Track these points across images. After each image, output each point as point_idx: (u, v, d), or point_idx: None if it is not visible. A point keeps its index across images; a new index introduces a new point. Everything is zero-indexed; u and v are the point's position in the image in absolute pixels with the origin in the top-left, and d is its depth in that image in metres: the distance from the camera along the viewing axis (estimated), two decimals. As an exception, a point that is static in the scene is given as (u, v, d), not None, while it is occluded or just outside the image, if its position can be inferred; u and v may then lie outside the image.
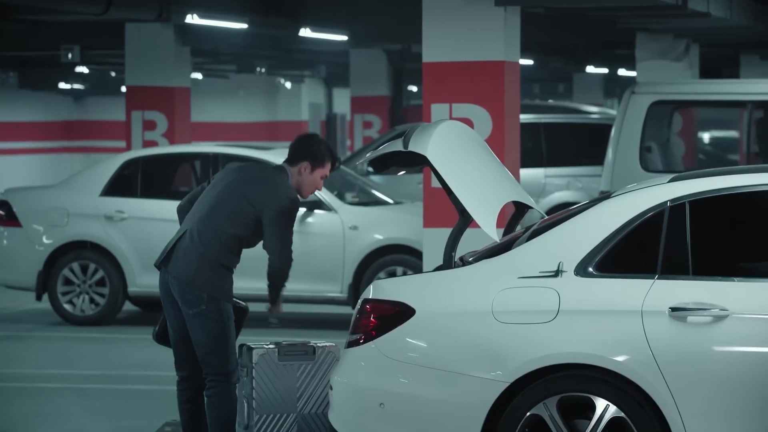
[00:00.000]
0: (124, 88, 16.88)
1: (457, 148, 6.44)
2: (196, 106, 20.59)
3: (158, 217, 12.47)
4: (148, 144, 15.48)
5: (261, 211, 6.75)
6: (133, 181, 12.71)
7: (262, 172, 6.97)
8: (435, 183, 9.03)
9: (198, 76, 30.03)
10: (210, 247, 6.77)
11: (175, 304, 6.84)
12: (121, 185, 12.70)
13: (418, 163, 6.49)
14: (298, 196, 6.90)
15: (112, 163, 12.85)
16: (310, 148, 6.94)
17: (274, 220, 6.74)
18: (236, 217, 6.79)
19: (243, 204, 6.79)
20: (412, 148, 6.31)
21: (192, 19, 14.68)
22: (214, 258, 6.77)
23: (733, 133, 27.47)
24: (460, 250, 6.30)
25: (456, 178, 6.22)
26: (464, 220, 6.22)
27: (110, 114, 31.64)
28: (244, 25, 15.66)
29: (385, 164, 6.72)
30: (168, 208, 12.55)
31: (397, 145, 6.41)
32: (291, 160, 6.95)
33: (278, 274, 6.83)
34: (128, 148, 15.48)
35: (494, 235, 6.15)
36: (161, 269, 6.93)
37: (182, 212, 7.11)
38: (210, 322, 6.75)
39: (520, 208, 6.73)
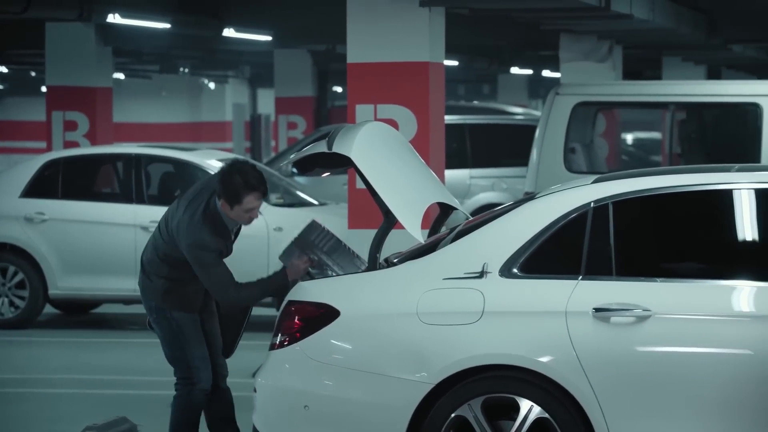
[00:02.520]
0: (44, 88, 16.69)
1: (381, 150, 6.42)
2: (119, 107, 20.42)
3: (80, 219, 12.34)
4: (69, 145, 15.31)
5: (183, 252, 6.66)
6: (53, 182, 12.56)
7: (183, 204, 6.68)
8: (360, 184, 9.01)
9: (120, 76, 29.79)
10: (152, 259, 6.80)
11: None
12: (41, 186, 12.54)
13: (342, 164, 6.47)
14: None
15: (33, 164, 12.69)
16: (223, 184, 6.58)
17: (191, 261, 6.63)
18: (168, 240, 6.74)
19: (167, 231, 6.73)
20: (336, 149, 6.28)
21: (114, 18, 14.53)
22: (155, 269, 6.78)
23: (655, 135, 27.74)
24: (385, 252, 6.27)
25: (380, 180, 6.20)
26: (389, 222, 6.20)
27: (30, 114, 31.31)
28: (167, 25, 15.54)
29: (309, 166, 6.67)
30: (90, 209, 12.44)
31: (321, 147, 6.38)
32: (217, 191, 6.66)
33: (232, 306, 6.72)
34: (49, 148, 15.30)
35: (419, 236, 6.14)
36: None
37: None
38: (162, 331, 6.82)
39: (444, 210, 6.72)
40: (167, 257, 6.75)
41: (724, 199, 5.87)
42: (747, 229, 5.87)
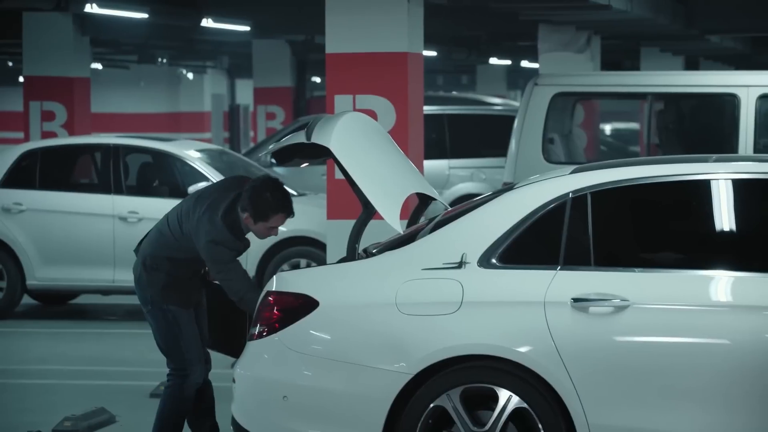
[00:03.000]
0: (21, 79, 16.62)
1: (360, 140, 6.41)
2: (96, 97, 20.34)
3: (58, 210, 12.30)
4: (46, 135, 15.26)
5: (199, 249, 6.64)
6: (31, 172, 12.51)
7: (202, 205, 6.66)
8: (339, 174, 9.00)
9: (98, 66, 29.69)
10: (156, 255, 6.76)
11: None
12: (19, 177, 12.50)
13: (321, 155, 6.46)
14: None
15: (10, 155, 12.65)
16: (252, 201, 6.56)
17: (209, 258, 6.60)
18: (179, 239, 6.71)
19: (181, 231, 6.71)
20: (315, 139, 6.27)
21: (91, 8, 14.49)
22: (156, 265, 6.75)
23: (634, 125, 27.80)
24: (364, 242, 6.27)
25: (359, 170, 6.20)
26: (368, 212, 6.20)
27: (7, 104, 31.18)
28: (145, 15, 15.49)
29: (288, 156, 6.66)
30: (68, 200, 12.40)
31: (300, 137, 6.37)
32: (242, 203, 6.61)
33: (239, 303, 6.65)
34: (26, 139, 15.24)
35: (398, 226, 6.14)
36: None
37: None
38: (156, 322, 6.79)
39: (423, 200, 6.73)
40: (173, 258, 6.73)
41: (702, 190, 5.89)
42: (725, 219, 5.88)
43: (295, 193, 12.82)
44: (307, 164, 6.88)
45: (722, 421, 5.60)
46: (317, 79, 35.13)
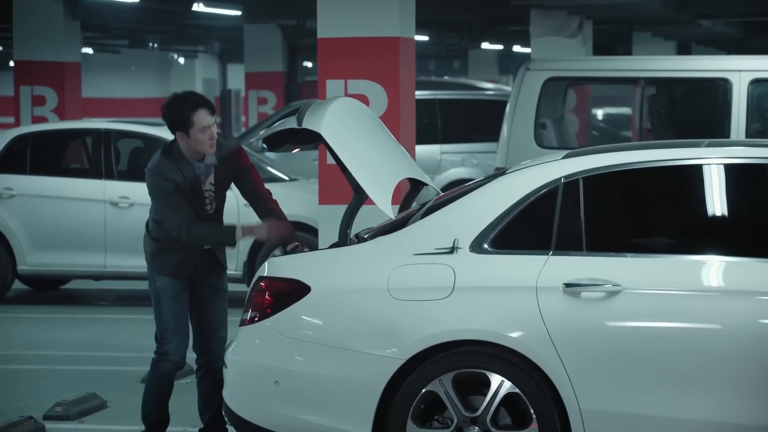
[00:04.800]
0: (12, 63, 16.57)
1: (351, 126, 6.40)
2: (87, 82, 20.30)
3: (49, 195, 12.28)
4: (37, 120, 15.22)
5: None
6: (22, 157, 12.48)
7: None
8: (330, 160, 8.98)
9: (89, 51, 29.62)
10: (149, 220, 6.86)
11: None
12: (9, 162, 12.47)
13: (312, 140, 6.44)
14: (205, 153, 6.74)
15: (1, 140, 12.61)
16: (171, 116, 6.65)
17: (150, 192, 6.73)
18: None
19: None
20: (306, 125, 6.25)
21: (82, -8, 14.44)
22: (149, 230, 6.84)
23: (626, 110, 27.78)
24: (356, 228, 6.26)
25: (350, 156, 6.18)
26: (359, 198, 6.19)
27: (-2, 89, 31.06)
28: (136, 0, 15.44)
29: (279, 142, 6.64)
30: (59, 185, 12.37)
31: (291, 123, 6.35)
32: (170, 128, 6.75)
33: (188, 241, 6.71)
34: (17, 124, 15.20)
35: (389, 212, 6.13)
36: None
37: None
38: (152, 293, 6.84)
39: (415, 185, 6.71)
40: (155, 219, 6.81)
41: (693, 175, 5.89)
42: (716, 204, 5.88)
43: (286, 178, 12.80)
44: (298, 150, 6.86)
45: (714, 404, 5.61)
46: (309, 64, 35.09)
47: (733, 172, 5.85)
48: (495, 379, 5.73)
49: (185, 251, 6.78)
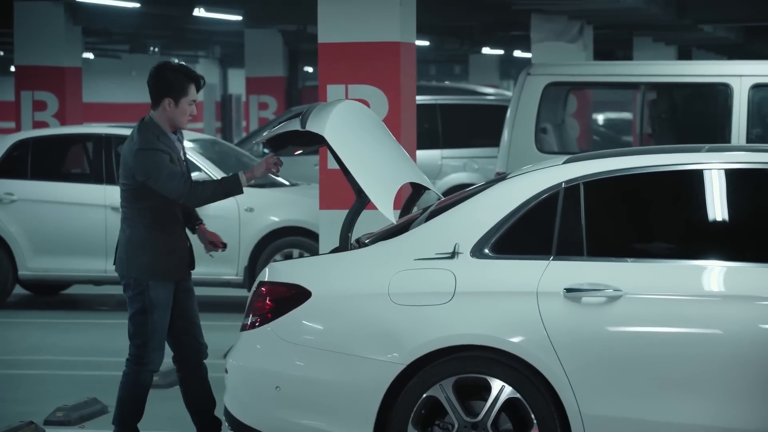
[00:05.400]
0: (13, 68, 16.58)
1: (354, 128, 6.40)
2: (88, 87, 20.30)
3: (50, 200, 12.28)
4: (38, 125, 15.23)
5: (134, 172, 6.69)
6: (23, 162, 12.49)
7: (130, 139, 6.80)
8: (331, 164, 8.98)
9: (90, 56, 29.64)
10: (132, 230, 6.75)
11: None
12: (10, 167, 12.48)
13: (315, 143, 6.44)
14: (180, 128, 6.80)
15: (1, 145, 12.62)
16: (166, 81, 6.69)
17: (143, 171, 6.64)
18: (130, 190, 6.75)
19: (127, 176, 6.76)
20: (309, 127, 6.25)
21: (83, -3, 14.45)
22: (137, 240, 6.73)
23: (626, 115, 27.79)
24: (357, 232, 6.26)
25: (353, 159, 6.18)
26: (361, 201, 6.18)
27: (-1, 94, 31.07)
28: (137, 4, 15.46)
29: (282, 144, 6.63)
30: (59, 190, 12.38)
31: (294, 125, 6.35)
32: (153, 100, 6.75)
33: (195, 203, 6.70)
34: (18, 129, 15.21)
35: (391, 216, 6.13)
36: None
37: None
38: (135, 307, 6.73)
39: (416, 190, 6.71)
40: (141, 212, 6.75)
41: (694, 180, 5.89)
42: (717, 209, 5.88)
43: (287, 183, 12.81)
44: (300, 152, 6.86)
45: (714, 410, 5.60)
46: (309, 69, 35.11)
47: (733, 177, 5.85)
48: (496, 384, 5.73)
49: (177, 252, 6.75)
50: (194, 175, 11.61)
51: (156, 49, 26.83)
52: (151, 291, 6.70)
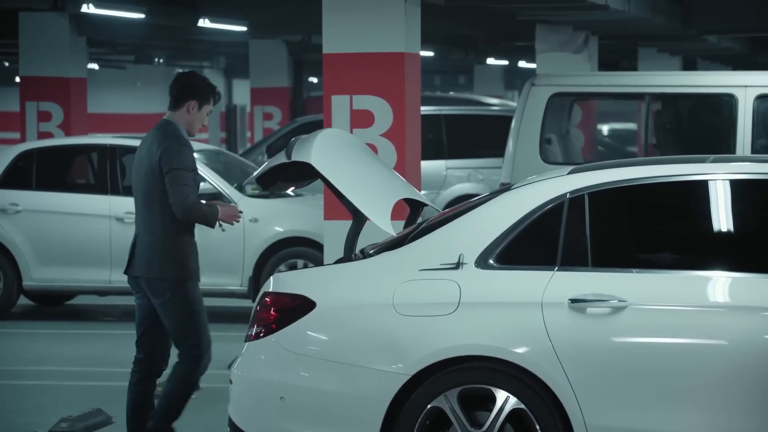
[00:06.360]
0: (18, 79, 16.60)
1: (340, 153, 6.47)
2: (93, 97, 20.32)
3: (54, 210, 12.29)
4: (43, 135, 15.24)
5: (161, 160, 6.89)
6: (28, 173, 12.50)
7: (148, 139, 7.03)
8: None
9: (95, 66, 29.68)
10: (163, 231, 6.87)
11: (142, 292, 7.02)
12: (15, 177, 12.49)
13: (305, 177, 6.49)
14: (192, 134, 7.07)
15: (7, 155, 12.63)
16: (194, 87, 7.00)
17: (171, 166, 6.84)
18: (158, 191, 6.88)
19: (152, 176, 6.90)
20: (295, 158, 6.30)
21: (88, 8, 14.47)
22: (170, 241, 6.87)
23: (631, 125, 27.79)
24: (361, 243, 6.26)
25: (343, 181, 6.22)
26: (358, 221, 6.21)
27: (4, 105, 31.16)
28: (142, 15, 15.48)
29: (272, 181, 6.69)
30: (64, 200, 12.39)
31: (281, 158, 6.41)
32: (176, 103, 7.01)
33: (187, 216, 6.85)
34: (23, 139, 15.21)
35: (390, 229, 6.14)
36: (128, 276, 7.10)
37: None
38: (178, 308, 6.86)
39: (414, 207, 6.72)
40: (171, 220, 6.92)
41: (699, 190, 5.88)
42: (722, 219, 5.88)
43: (291, 193, 12.81)
44: (293, 189, 6.96)
45: (720, 421, 5.59)
46: (314, 80, 35.13)
47: (738, 187, 5.85)
48: (500, 395, 5.72)
49: (196, 251, 6.96)
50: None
51: (161, 60, 26.87)
52: (192, 290, 6.90)
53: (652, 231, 5.96)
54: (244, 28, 18.29)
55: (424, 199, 6.67)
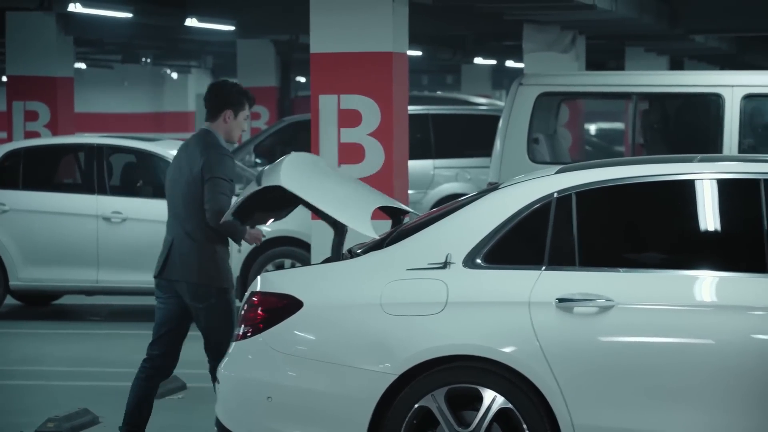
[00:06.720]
0: (5, 78, 16.58)
1: (310, 172, 6.55)
2: (80, 97, 20.28)
3: (41, 210, 12.27)
4: (30, 135, 15.21)
5: (203, 167, 6.93)
6: (14, 173, 12.48)
7: (187, 148, 7.05)
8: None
9: (82, 66, 29.63)
10: (204, 237, 6.93)
11: (168, 294, 7.01)
12: (2, 177, 12.47)
13: (282, 205, 6.54)
14: (232, 142, 7.15)
15: (-7, 155, 12.60)
16: (226, 97, 7.07)
17: (212, 174, 6.88)
18: (199, 199, 6.91)
19: (194, 185, 6.93)
20: (265, 183, 6.33)
21: (75, 7, 14.44)
22: (210, 248, 6.94)
23: (618, 125, 27.82)
24: (348, 243, 6.26)
25: (317, 196, 6.28)
26: (339, 233, 6.22)
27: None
28: (129, 15, 15.46)
29: (249, 214, 6.70)
30: (51, 200, 12.36)
31: (252, 188, 6.47)
32: (212, 114, 7.07)
33: (219, 225, 6.87)
34: (9, 139, 15.19)
35: (371, 232, 6.15)
36: (158, 279, 7.09)
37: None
38: (219, 314, 6.91)
39: (395, 215, 6.72)
40: (208, 225, 6.96)
41: (686, 190, 5.89)
42: (709, 219, 5.88)
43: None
44: (272, 221, 6.96)
45: (707, 420, 5.60)
46: (302, 79, 35.12)
47: (725, 187, 5.85)
48: (488, 395, 5.72)
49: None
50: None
51: (148, 60, 26.85)
52: (233, 297, 7.00)
53: (639, 230, 5.97)
54: (232, 28, 18.28)
55: (403, 206, 6.69)
